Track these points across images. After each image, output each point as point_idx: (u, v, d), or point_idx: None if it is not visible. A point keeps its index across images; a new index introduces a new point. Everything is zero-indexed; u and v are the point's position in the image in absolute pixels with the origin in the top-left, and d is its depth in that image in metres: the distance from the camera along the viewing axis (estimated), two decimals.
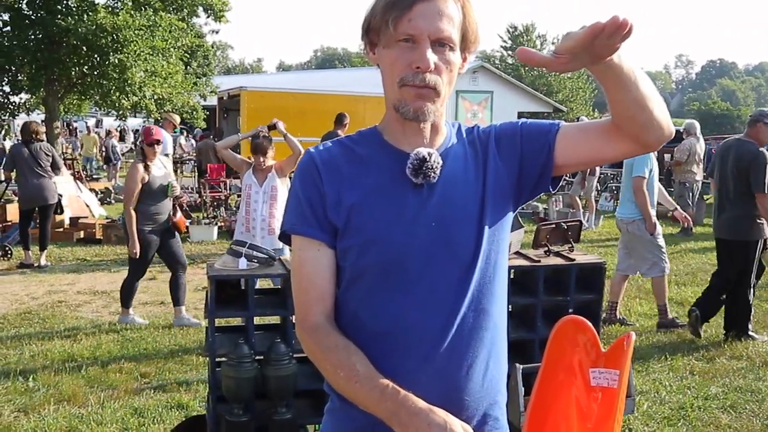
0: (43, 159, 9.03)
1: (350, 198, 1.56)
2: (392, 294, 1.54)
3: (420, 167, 1.53)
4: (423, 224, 1.54)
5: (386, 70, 1.55)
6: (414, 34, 1.48)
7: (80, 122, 39.51)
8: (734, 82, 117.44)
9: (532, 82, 45.28)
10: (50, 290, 8.04)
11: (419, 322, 1.53)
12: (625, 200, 6.81)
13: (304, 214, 1.59)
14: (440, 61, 1.50)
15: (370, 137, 1.66)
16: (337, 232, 1.58)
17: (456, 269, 1.55)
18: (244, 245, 3.59)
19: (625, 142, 1.50)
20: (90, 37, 15.22)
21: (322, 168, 1.60)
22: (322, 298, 1.60)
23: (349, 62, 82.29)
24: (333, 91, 22.58)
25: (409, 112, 1.52)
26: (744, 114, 73.35)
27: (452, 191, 1.57)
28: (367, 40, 1.60)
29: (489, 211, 1.58)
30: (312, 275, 1.60)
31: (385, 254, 1.54)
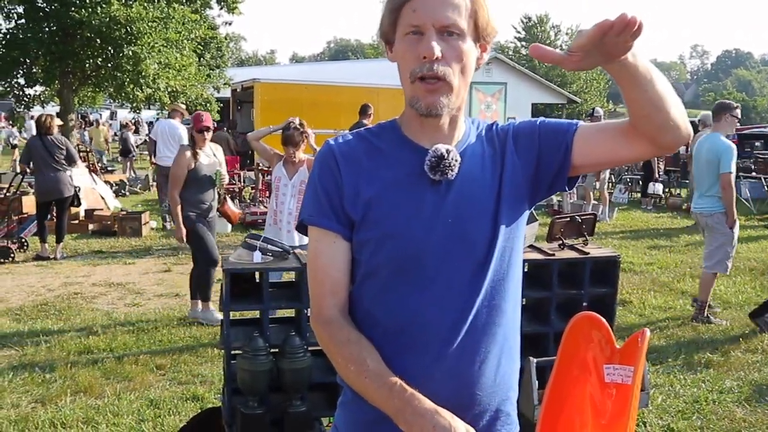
0: (57, 152, 9.06)
1: (368, 191, 1.56)
2: (408, 290, 1.55)
3: (438, 164, 1.53)
4: (440, 220, 1.54)
5: (401, 67, 1.55)
6: (418, 24, 1.47)
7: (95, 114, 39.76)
8: (750, 72, 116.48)
9: (546, 74, 45.04)
10: (66, 282, 8.10)
11: (434, 318, 1.54)
12: (702, 194, 6.76)
13: (321, 205, 1.60)
14: (448, 50, 1.48)
15: (389, 131, 1.65)
16: (353, 225, 1.58)
17: (471, 266, 1.55)
18: (259, 239, 3.60)
19: (641, 143, 1.49)
20: (104, 29, 15.25)
21: (341, 160, 1.60)
22: (336, 291, 1.60)
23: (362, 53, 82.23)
24: (346, 82, 22.57)
25: (422, 107, 1.52)
26: (760, 104, 72.92)
27: (469, 188, 1.57)
28: (384, 39, 1.60)
29: (505, 208, 1.58)
30: (327, 267, 1.60)
31: (402, 249, 1.54)
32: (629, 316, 6.84)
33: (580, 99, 44.41)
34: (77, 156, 10.03)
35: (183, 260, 9.25)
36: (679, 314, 6.96)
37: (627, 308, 7.07)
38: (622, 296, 7.23)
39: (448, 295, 1.54)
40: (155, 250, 9.99)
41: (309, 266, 1.65)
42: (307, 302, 3.39)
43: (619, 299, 6.62)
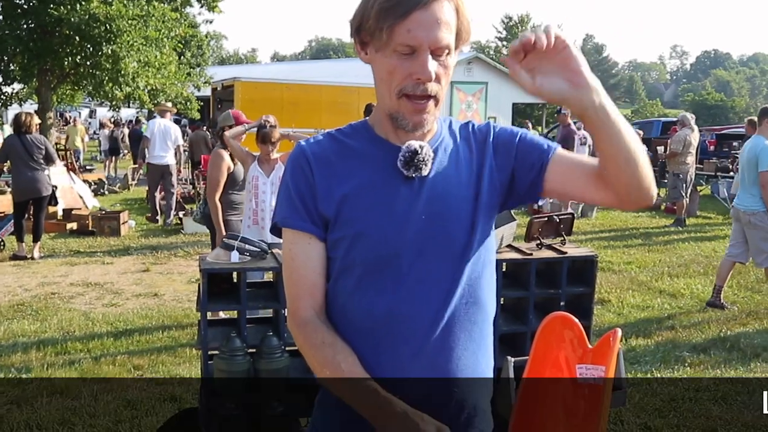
0: (36, 151, 8.98)
1: (341, 190, 1.57)
2: (382, 287, 1.55)
3: (411, 160, 1.54)
4: (414, 218, 1.55)
5: (382, 77, 1.55)
6: (414, 45, 1.47)
7: (73, 112, 39.42)
8: (728, 73, 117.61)
9: None
10: (43, 282, 8.03)
11: (409, 315, 1.54)
12: (745, 191, 6.96)
13: (294, 207, 1.60)
14: (439, 69, 1.50)
15: (361, 131, 1.66)
16: (327, 225, 1.59)
17: (446, 263, 1.56)
18: (237, 238, 3.58)
19: (607, 193, 1.52)
20: (83, 27, 15.12)
21: (313, 160, 1.60)
22: (311, 292, 1.61)
23: (343, 52, 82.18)
24: (327, 82, 22.54)
25: (408, 125, 1.54)
26: (738, 105, 73.59)
27: (444, 185, 1.58)
28: (358, 39, 1.58)
29: (481, 207, 1.60)
30: (302, 268, 1.61)
31: (376, 247, 1.55)
32: (607, 315, 6.88)
33: None
34: (56, 155, 9.95)
35: (162, 260, 9.21)
36: (656, 313, 7.02)
37: (605, 307, 7.11)
38: (601, 295, 7.28)
39: (423, 293, 1.54)
40: (134, 249, 9.93)
41: (284, 268, 1.65)
42: (284, 302, 3.38)
43: (598, 298, 6.67)
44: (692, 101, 69.82)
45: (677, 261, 9.47)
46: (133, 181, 17.96)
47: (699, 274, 8.66)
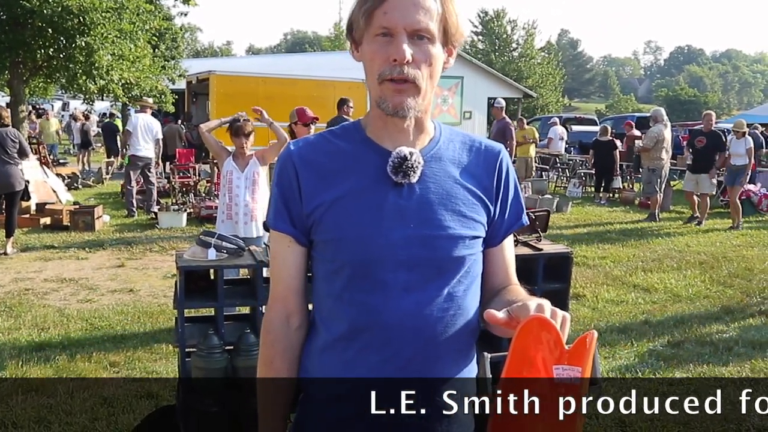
0: (9, 145, 8.86)
1: (329, 194, 1.57)
2: (369, 290, 1.55)
3: (400, 165, 1.54)
4: (401, 224, 1.55)
5: (367, 67, 1.55)
6: (389, 26, 1.48)
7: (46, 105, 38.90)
8: (702, 69, 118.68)
9: (503, 68, 45.44)
10: (17, 278, 7.95)
11: (395, 319, 1.55)
12: None
13: (278, 209, 1.61)
14: (418, 54, 1.49)
15: (352, 132, 1.65)
16: (311, 229, 1.59)
17: (433, 272, 1.57)
18: (213, 235, 3.58)
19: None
20: (56, 19, 14.90)
21: (299, 164, 1.60)
22: (285, 296, 1.65)
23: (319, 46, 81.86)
24: (303, 75, 22.48)
25: (389, 107, 1.52)
26: (711, 100, 74.39)
27: (435, 194, 1.58)
28: (351, 39, 1.59)
29: (472, 220, 1.61)
30: (281, 269, 1.65)
31: (361, 252, 1.54)
32: (582, 310, 6.95)
33: (536, 93, 44.86)
34: (29, 149, 9.84)
35: (137, 255, 9.16)
36: (631, 308, 7.09)
37: (580, 302, 7.18)
38: (576, 290, 7.35)
39: (407, 299, 1.55)
40: (109, 244, 9.84)
41: (270, 266, 1.71)
42: (262, 299, 3.38)
43: (573, 293, 6.74)
44: (666, 96, 70.49)
45: (651, 256, 9.57)
46: (108, 176, 17.81)
47: (672, 269, 8.77)
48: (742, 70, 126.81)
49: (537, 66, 51.31)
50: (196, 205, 12.17)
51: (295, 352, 1.67)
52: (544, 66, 51.91)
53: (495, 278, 1.70)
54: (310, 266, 1.68)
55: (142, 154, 12.09)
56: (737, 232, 11.46)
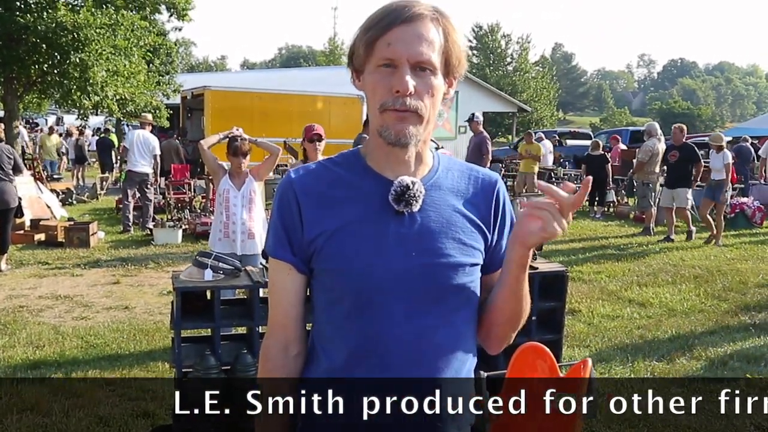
0: (5, 161, 8.85)
1: (330, 223, 1.57)
2: (371, 318, 1.56)
3: (403, 195, 1.54)
4: (402, 253, 1.56)
5: (369, 96, 1.56)
6: (393, 58, 1.49)
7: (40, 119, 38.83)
8: (695, 82, 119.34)
9: (497, 82, 45.62)
10: (11, 295, 7.92)
11: (397, 346, 1.55)
12: None
13: (278, 237, 1.62)
14: (421, 85, 1.50)
15: (352, 161, 1.66)
16: (312, 257, 1.60)
17: (433, 297, 1.57)
18: (210, 256, 3.59)
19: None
20: (50, 35, 14.97)
21: (300, 192, 1.61)
22: (283, 324, 1.65)
23: (314, 60, 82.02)
24: (298, 91, 22.52)
25: (391, 135, 1.53)
26: (704, 113, 74.72)
27: (436, 223, 1.59)
28: (353, 67, 1.61)
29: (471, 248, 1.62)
30: (280, 297, 1.65)
31: (364, 281, 1.55)
32: (578, 325, 6.95)
33: (531, 107, 45.01)
34: (23, 165, 9.84)
35: (132, 272, 9.14)
36: (626, 322, 7.10)
37: (576, 317, 7.18)
38: (571, 305, 7.35)
39: (410, 326, 1.56)
40: (104, 261, 9.82)
41: (268, 293, 1.69)
42: (258, 320, 3.38)
43: (568, 308, 6.72)
44: (660, 109, 70.76)
45: (646, 270, 9.59)
46: (102, 191, 17.78)
47: (667, 283, 8.79)
48: (734, 82, 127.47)
49: (531, 80, 51.48)
50: (191, 221, 12.15)
51: (294, 380, 1.67)
52: (539, 80, 52.10)
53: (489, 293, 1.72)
54: (309, 294, 1.68)
55: (138, 170, 12.12)
56: (729, 246, 11.48)
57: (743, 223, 13.63)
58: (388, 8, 1.52)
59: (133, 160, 12.16)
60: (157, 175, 12.62)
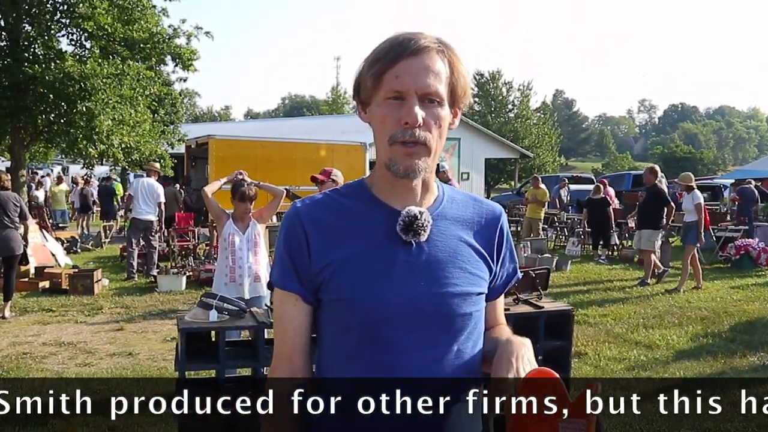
0: (11, 209, 8.91)
1: (338, 253, 1.58)
2: (379, 349, 1.56)
3: (411, 225, 1.56)
4: (411, 282, 1.56)
5: (377, 128, 1.58)
6: (401, 90, 1.51)
7: (45, 169, 39.03)
8: (696, 126, 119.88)
9: (499, 129, 45.87)
10: (14, 341, 7.89)
11: (407, 375, 1.55)
12: None
13: (285, 268, 1.62)
14: (429, 117, 1.52)
15: (358, 191, 1.67)
16: (319, 288, 1.60)
17: (442, 326, 1.58)
18: (215, 297, 3.58)
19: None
20: (57, 85, 15.14)
21: (308, 223, 1.61)
22: (291, 355, 1.64)
23: (317, 110, 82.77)
24: (301, 139, 22.72)
25: (399, 170, 1.54)
26: (706, 157, 74.96)
27: (443, 252, 1.60)
28: (358, 100, 1.62)
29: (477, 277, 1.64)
30: (287, 328, 1.64)
31: (373, 312, 1.55)
32: (584, 368, 6.89)
33: (533, 153, 45.20)
34: (28, 213, 9.88)
35: (136, 318, 9.11)
36: (633, 364, 7.04)
37: (582, 360, 7.12)
38: (577, 348, 7.29)
39: (419, 355, 1.56)
40: (108, 308, 9.80)
41: (274, 325, 1.69)
42: (263, 361, 3.36)
43: (574, 351, 6.68)
44: (661, 154, 70.92)
45: (652, 312, 9.53)
46: (107, 239, 17.81)
47: (674, 325, 8.73)
48: (735, 126, 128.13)
49: (533, 126, 51.70)
50: (195, 268, 12.16)
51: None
52: (540, 126, 52.34)
53: (486, 324, 1.74)
54: (316, 325, 1.67)
55: (142, 217, 12.17)
56: (735, 288, 11.42)
57: (748, 264, 13.59)
58: (394, 41, 1.55)
59: (137, 208, 12.22)
60: (161, 222, 12.64)
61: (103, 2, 16.54)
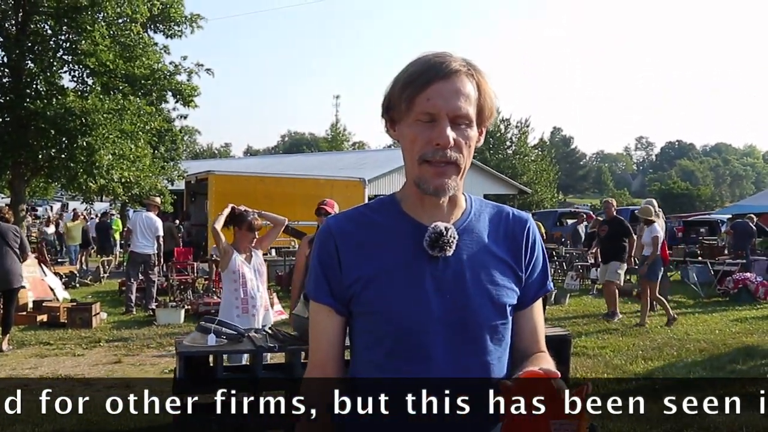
0: (11, 239, 8.94)
1: (368, 268, 1.64)
2: (409, 360, 1.61)
3: (437, 240, 1.61)
4: (438, 296, 1.61)
5: (407, 147, 1.64)
6: (433, 112, 1.57)
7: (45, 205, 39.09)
8: (693, 163, 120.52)
9: (497, 165, 46.08)
10: (11, 374, 7.86)
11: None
12: None
13: (318, 281, 1.69)
14: (459, 137, 1.59)
15: (389, 206, 1.73)
16: (350, 300, 1.66)
17: (469, 338, 1.62)
18: (213, 321, 3.60)
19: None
20: (58, 120, 15.27)
21: (339, 238, 1.68)
22: (323, 364, 1.70)
23: (316, 146, 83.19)
24: (300, 174, 22.82)
25: (430, 188, 1.61)
26: (704, 193, 75.16)
27: (470, 265, 1.65)
28: (388, 117, 1.69)
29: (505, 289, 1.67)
30: (320, 338, 1.70)
31: (402, 324, 1.61)
32: None
33: (531, 190, 45.37)
34: (29, 248, 9.91)
35: (134, 351, 9.09)
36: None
37: None
38: (576, 380, 7.27)
39: (448, 367, 1.60)
40: (105, 341, 9.77)
41: (309, 335, 1.74)
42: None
43: (573, 382, 6.66)
44: (659, 190, 71.14)
45: (651, 344, 9.51)
46: (105, 274, 17.80)
47: (673, 358, 8.71)
48: (732, 163, 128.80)
49: (531, 163, 51.96)
50: (194, 301, 12.16)
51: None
52: (538, 163, 52.62)
53: (521, 342, 1.75)
54: (349, 335, 1.73)
55: (141, 251, 12.21)
56: (734, 320, 11.41)
57: (747, 298, 13.60)
58: (425, 64, 1.61)
59: (136, 242, 12.28)
60: (159, 256, 12.65)
61: (105, 39, 16.76)
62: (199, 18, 19.69)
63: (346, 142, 68.61)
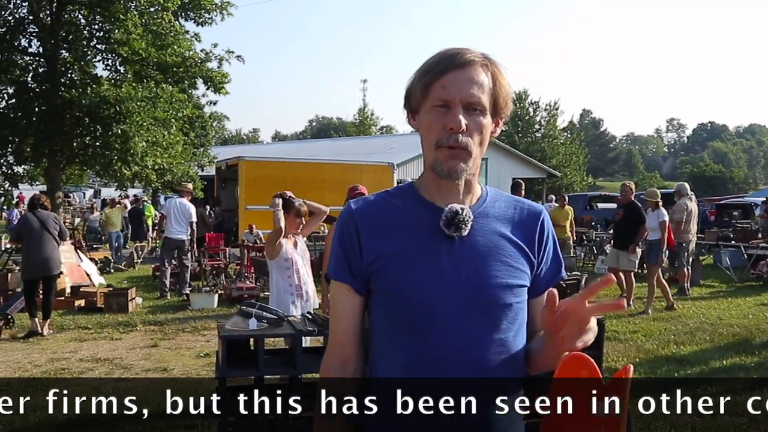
0: (51, 226, 9.15)
1: (387, 247, 1.72)
2: (425, 334, 1.68)
3: (453, 219, 1.69)
4: (453, 275, 1.68)
5: (424, 134, 1.72)
6: (447, 99, 1.66)
7: (78, 193, 39.61)
8: (726, 145, 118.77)
9: (526, 149, 45.84)
10: (53, 358, 8.06)
11: (449, 366, 1.66)
12: None
13: (339, 261, 1.77)
14: (471, 124, 1.67)
15: (407, 192, 1.82)
16: (370, 279, 1.74)
17: (483, 316, 1.69)
18: (254, 306, 3.69)
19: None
20: (93, 109, 15.50)
21: (360, 220, 1.76)
22: (342, 342, 1.78)
23: (344, 131, 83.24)
24: (329, 159, 22.90)
25: (444, 171, 1.69)
26: (737, 176, 74.10)
27: (484, 246, 1.72)
28: (409, 108, 1.78)
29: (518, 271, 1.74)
30: (340, 316, 1.79)
31: (418, 301, 1.68)
32: None
33: (560, 173, 45.09)
34: (67, 234, 10.12)
35: (170, 335, 9.25)
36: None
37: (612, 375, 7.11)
38: (608, 364, 7.28)
39: (462, 343, 1.67)
40: (142, 325, 9.96)
41: (330, 314, 1.83)
42: (301, 368, 3.46)
43: (605, 367, 6.69)
44: (691, 173, 70.17)
45: (683, 329, 9.49)
46: (139, 260, 18.07)
47: (705, 342, 8.69)
48: (766, 144, 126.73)
49: (560, 146, 51.63)
50: (226, 286, 12.32)
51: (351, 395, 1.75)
52: (568, 146, 52.26)
53: (535, 327, 1.81)
54: (368, 313, 1.80)
55: (175, 237, 12.36)
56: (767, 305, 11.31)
57: None
58: (443, 55, 1.71)
59: (170, 227, 12.43)
60: (192, 242, 12.81)
61: (138, 28, 16.94)
62: (230, 5, 19.76)
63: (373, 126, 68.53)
